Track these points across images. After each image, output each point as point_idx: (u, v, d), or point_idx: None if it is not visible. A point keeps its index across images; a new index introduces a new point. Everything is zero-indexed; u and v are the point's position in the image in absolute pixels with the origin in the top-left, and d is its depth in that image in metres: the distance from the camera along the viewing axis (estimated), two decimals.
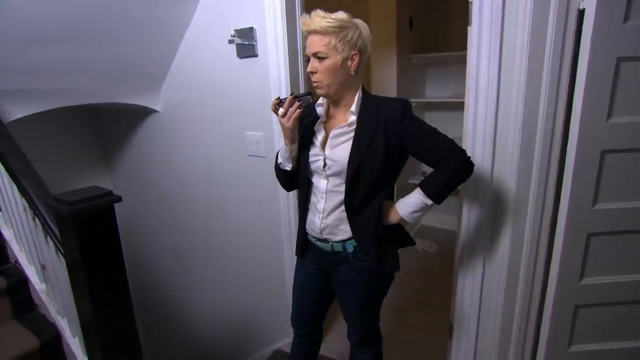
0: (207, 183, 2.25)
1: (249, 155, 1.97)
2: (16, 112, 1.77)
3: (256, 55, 1.77)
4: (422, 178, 1.20)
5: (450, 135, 1.18)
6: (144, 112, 2.36)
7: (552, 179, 1.37)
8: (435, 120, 3.42)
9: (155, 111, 2.31)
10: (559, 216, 1.35)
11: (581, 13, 1.19)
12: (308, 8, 1.67)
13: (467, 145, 1.43)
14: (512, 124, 1.35)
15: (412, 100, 3.19)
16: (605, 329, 1.47)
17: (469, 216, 1.51)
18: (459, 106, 2.61)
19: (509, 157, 1.38)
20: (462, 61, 1.53)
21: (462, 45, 1.56)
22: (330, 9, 1.12)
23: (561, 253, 1.36)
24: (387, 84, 3.03)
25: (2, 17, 1.45)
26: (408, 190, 1.30)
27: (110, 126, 2.70)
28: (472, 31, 1.34)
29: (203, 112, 2.12)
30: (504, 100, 1.34)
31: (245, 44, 1.76)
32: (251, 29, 1.74)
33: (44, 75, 1.77)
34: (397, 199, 1.27)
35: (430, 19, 3.24)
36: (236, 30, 1.76)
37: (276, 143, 1.82)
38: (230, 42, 1.75)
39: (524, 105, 1.31)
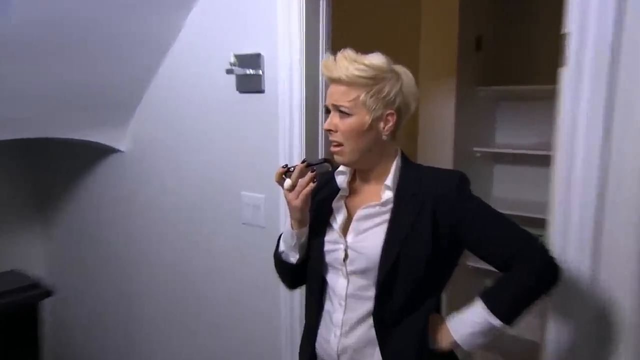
0: (184, 256, 2.25)
1: (243, 223, 1.98)
2: None
3: (262, 91, 1.82)
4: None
5: (535, 208, 1.14)
6: (101, 152, 2.43)
7: None
8: (509, 177, 3.42)
9: (119, 151, 2.38)
10: None
11: None
12: (336, 42, 1.69)
13: (555, 232, 1.38)
14: (625, 206, 1.29)
15: (476, 149, 3.19)
16: None
17: (558, 336, 1.43)
18: (544, 161, 2.56)
19: (622, 254, 1.31)
20: (550, 96, 1.52)
21: (549, 75, 1.55)
22: (367, 35, 1.12)
23: None
24: (440, 126, 3.04)
25: None
26: (468, 276, 1.26)
27: (48, 165, 2.79)
28: (567, 74, 1.33)
29: (184, 161, 2.15)
30: (615, 172, 1.30)
31: (249, 74, 1.81)
32: (258, 55, 1.80)
33: None
34: (450, 307, 1.22)
35: (504, 39, 3.29)
36: (237, 56, 1.80)
37: (281, 210, 1.82)
38: (229, 72, 1.80)
39: None
